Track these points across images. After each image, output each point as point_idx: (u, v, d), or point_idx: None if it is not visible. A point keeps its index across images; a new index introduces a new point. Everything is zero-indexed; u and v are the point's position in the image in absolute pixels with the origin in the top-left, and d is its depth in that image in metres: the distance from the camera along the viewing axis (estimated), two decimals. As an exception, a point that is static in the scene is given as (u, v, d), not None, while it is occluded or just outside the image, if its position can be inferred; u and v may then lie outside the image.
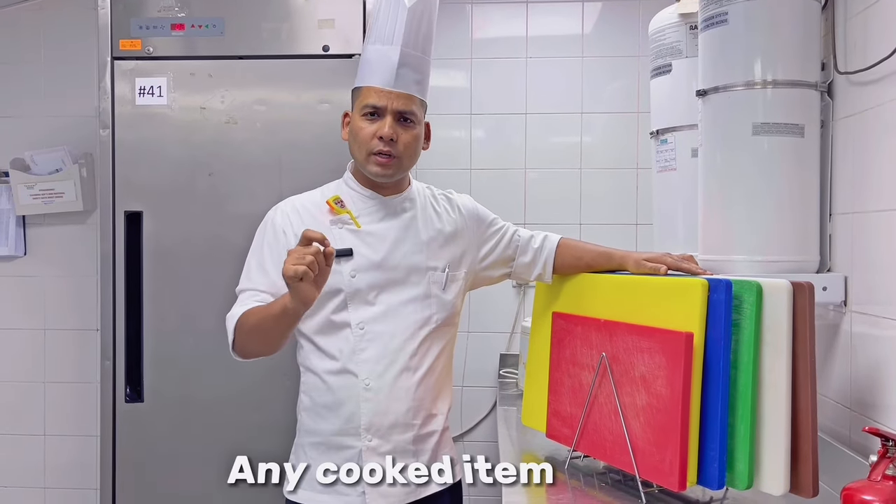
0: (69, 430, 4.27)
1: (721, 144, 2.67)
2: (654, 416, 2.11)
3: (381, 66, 2.35)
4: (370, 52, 2.38)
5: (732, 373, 2.05)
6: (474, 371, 4.19)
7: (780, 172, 2.58)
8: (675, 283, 2.20)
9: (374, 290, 2.37)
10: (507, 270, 2.66)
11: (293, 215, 2.43)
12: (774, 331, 2.02)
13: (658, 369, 2.11)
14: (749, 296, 2.04)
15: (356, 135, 2.37)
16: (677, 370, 2.04)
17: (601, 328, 2.35)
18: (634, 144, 4.14)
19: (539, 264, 2.64)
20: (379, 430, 2.36)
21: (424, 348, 2.41)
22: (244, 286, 2.42)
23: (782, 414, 1.99)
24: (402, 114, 2.35)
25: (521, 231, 2.67)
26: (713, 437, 2.04)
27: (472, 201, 2.63)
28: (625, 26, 4.16)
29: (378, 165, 2.35)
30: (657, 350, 2.12)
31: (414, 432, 2.40)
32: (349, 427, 2.37)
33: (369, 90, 2.35)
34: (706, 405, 2.07)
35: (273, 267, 2.38)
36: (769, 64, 2.58)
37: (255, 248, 2.45)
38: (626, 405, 2.21)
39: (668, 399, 2.07)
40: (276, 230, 2.42)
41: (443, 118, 4.04)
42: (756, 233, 2.60)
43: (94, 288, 4.06)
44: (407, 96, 2.35)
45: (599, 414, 2.33)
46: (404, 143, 2.36)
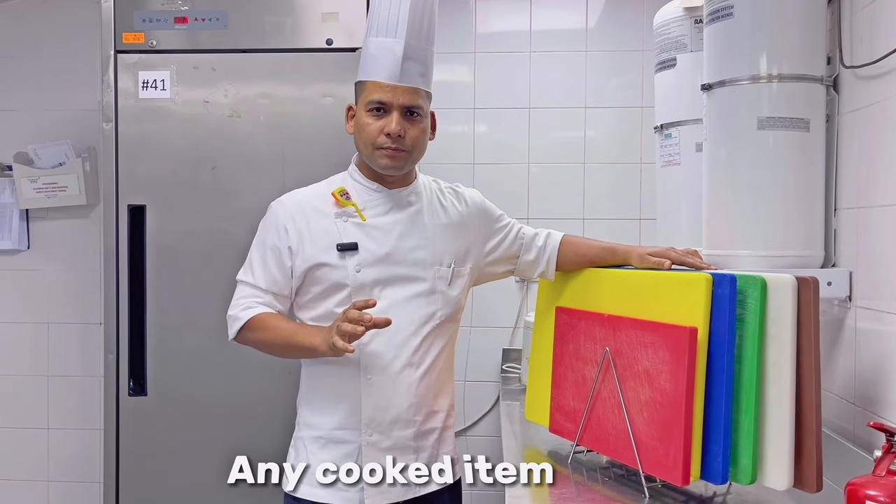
0: (72, 423, 4.27)
1: (726, 139, 2.66)
2: (658, 410, 2.11)
3: (385, 60, 2.32)
4: (373, 45, 2.36)
5: (736, 367, 2.04)
6: (477, 366, 4.18)
7: (785, 167, 2.57)
8: (679, 278, 2.19)
9: (378, 285, 2.35)
10: (510, 267, 2.65)
11: (296, 212, 2.40)
12: (779, 325, 2.01)
13: (662, 364, 2.10)
14: (753, 290, 2.03)
15: (362, 130, 2.35)
16: (681, 365, 2.03)
17: (605, 323, 2.34)
18: (638, 139, 4.13)
19: (542, 262, 2.62)
20: (380, 426, 2.36)
21: (427, 344, 2.40)
22: (245, 279, 2.43)
23: (786, 409, 1.98)
24: (409, 108, 2.33)
25: (525, 228, 2.66)
26: (717, 432, 2.04)
27: (480, 196, 2.61)
28: (629, 20, 4.15)
29: (387, 157, 2.34)
30: (661, 345, 2.11)
31: (415, 429, 2.40)
32: (350, 421, 2.37)
33: (374, 85, 2.33)
34: (710, 400, 2.07)
35: (275, 264, 2.38)
36: (775, 58, 2.57)
37: (258, 242, 2.44)
38: (630, 400, 2.21)
39: (671, 394, 2.06)
40: (279, 226, 2.39)
41: (446, 113, 4.03)
42: (761, 227, 2.59)
43: (97, 282, 4.05)
44: (413, 90, 2.33)
45: (603, 409, 2.32)
46: (412, 137, 2.34)
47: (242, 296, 2.41)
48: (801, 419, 1.99)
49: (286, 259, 2.37)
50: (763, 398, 2.02)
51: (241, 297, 2.41)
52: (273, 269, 2.38)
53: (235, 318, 2.38)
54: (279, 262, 2.38)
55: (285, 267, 2.37)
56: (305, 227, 2.37)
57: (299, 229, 2.37)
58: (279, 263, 2.38)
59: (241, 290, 2.42)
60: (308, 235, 2.36)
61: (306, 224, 2.38)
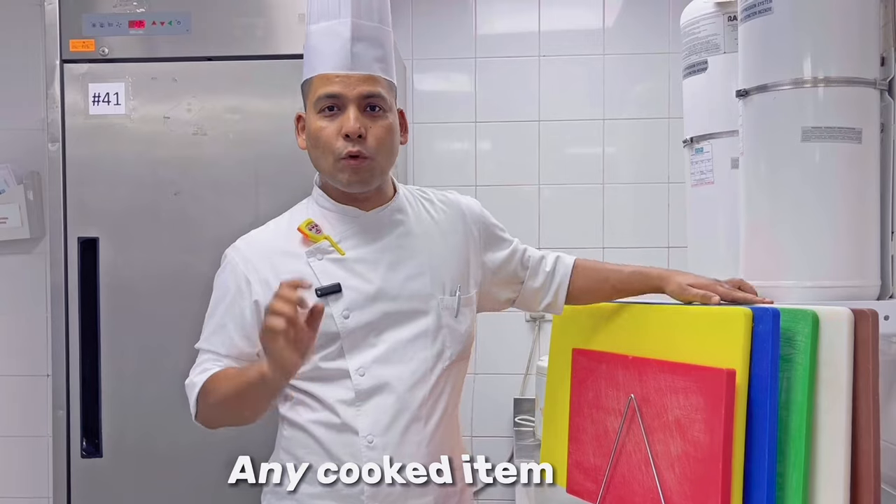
0: (17, 491, 4.26)
1: (765, 153, 2.67)
2: (692, 466, 2.10)
3: (330, 46, 2.23)
4: (314, 33, 2.28)
5: (783, 415, 2.04)
6: (486, 419, 4.19)
7: (833, 184, 2.57)
8: (714, 313, 2.19)
9: (373, 330, 2.27)
10: (513, 295, 2.58)
11: (258, 258, 2.31)
12: (833, 367, 1.99)
13: (695, 412, 2.09)
14: (803, 327, 2.02)
15: (316, 138, 2.25)
16: (717, 413, 2.03)
17: (629, 366, 2.34)
18: (665, 155, 4.15)
19: (550, 291, 2.56)
20: (388, 497, 2.26)
21: (438, 391, 2.32)
22: (202, 344, 2.34)
23: (841, 462, 1.97)
24: (367, 99, 2.23)
25: (530, 250, 2.59)
26: (759, 490, 2.03)
27: (479, 206, 2.54)
28: (652, 18, 4.18)
29: (349, 170, 2.23)
30: (694, 390, 2.11)
31: (434, 495, 2.32)
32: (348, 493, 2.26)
33: (322, 78, 2.24)
34: (751, 453, 2.05)
35: (234, 326, 2.29)
36: (820, 59, 2.57)
37: (214, 302, 2.35)
38: (659, 454, 2.20)
39: (706, 446, 2.06)
40: (239, 278, 2.30)
41: (442, 127, 4.06)
42: (806, 254, 2.59)
43: (44, 326, 4.06)
44: (369, 77, 2.23)
45: (628, 465, 2.32)
46: (376, 136, 2.23)
47: (198, 362, 2.32)
48: (858, 474, 1.98)
49: (250, 316, 2.27)
50: (813, 450, 2.01)
51: (197, 365, 2.32)
52: (233, 333, 2.28)
53: (192, 384, 2.28)
54: (240, 323, 2.28)
55: (249, 327, 2.27)
56: (272, 276, 2.25)
57: (264, 279, 2.27)
58: (240, 325, 2.28)
59: (198, 358, 2.33)
60: (277, 284, 2.09)
61: (272, 271, 2.27)
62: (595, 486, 2.43)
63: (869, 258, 2.61)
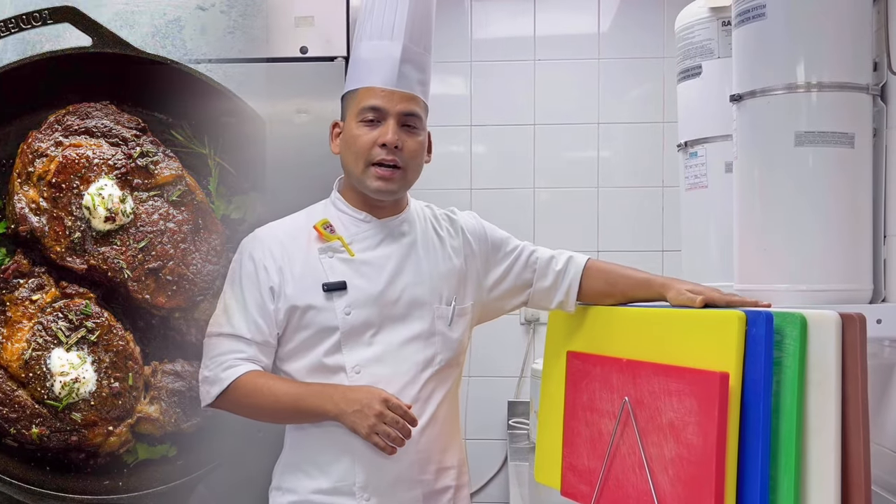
0: None
1: (759, 157, 2.68)
2: (685, 468, 2.11)
3: (380, 63, 2.35)
4: (365, 48, 2.39)
5: (774, 418, 2.05)
6: (480, 421, 4.19)
7: (826, 188, 2.59)
8: (708, 316, 2.20)
9: (371, 329, 2.36)
10: (522, 299, 2.63)
11: (274, 246, 2.40)
12: (821, 370, 2.00)
13: (689, 415, 2.11)
14: (792, 330, 2.03)
15: (352, 144, 2.36)
16: (711, 416, 2.04)
17: (623, 369, 2.34)
18: (659, 159, 4.16)
19: (561, 290, 2.58)
20: (378, 489, 2.35)
21: (428, 392, 2.40)
22: (223, 329, 2.39)
23: (831, 465, 1.98)
24: (406, 117, 2.35)
25: (539, 250, 2.62)
26: (752, 492, 2.04)
27: (476, 219, 2.61)
28: (647, 23, 4.19)
29: (379, 179, 2.34)
30: (687, 393, 2.12)
31: (423, 489, 2.40)
32: (341, 486, 2.36)
33: (368, 91, 2.35)
34: (744, 455, 2.06)
35: (257, 308, 2.36)
36: (813, 64, 2.59)
37: (232, 284, 2.43)
38: (653, 457, 2.21)
39: (700, 449, 2.07)
40: (257, 263, 2.39)
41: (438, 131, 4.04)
42: (800, 258, 2.61)
43: None
44: (411, 97, 2.36)
45: (622, 467, 2.33)
46: (410, 150, 2.36)
47: (220, 352, 2.38)
48: (848, 476, 1.99)
49: (269, 301, 2.36)
50: (804, 453, 2.03)
51: (219, 354, 2.38)
52: (255, 315, 2.36)
53: (215, 379, 2.35)
54: (261, 305, 2.36)
55: (268, 311, 2.36)
56: (286, 264, 2.37)
57: (280, 266, 2.37)
58: (261, 307, 2.36)
59: (217, 346, 2.39)
60: (290, 273, 2.37)
61: (287, 260, 2.38)
62: (589, 488, 2.44)
63: (861, 262, 2.62)
